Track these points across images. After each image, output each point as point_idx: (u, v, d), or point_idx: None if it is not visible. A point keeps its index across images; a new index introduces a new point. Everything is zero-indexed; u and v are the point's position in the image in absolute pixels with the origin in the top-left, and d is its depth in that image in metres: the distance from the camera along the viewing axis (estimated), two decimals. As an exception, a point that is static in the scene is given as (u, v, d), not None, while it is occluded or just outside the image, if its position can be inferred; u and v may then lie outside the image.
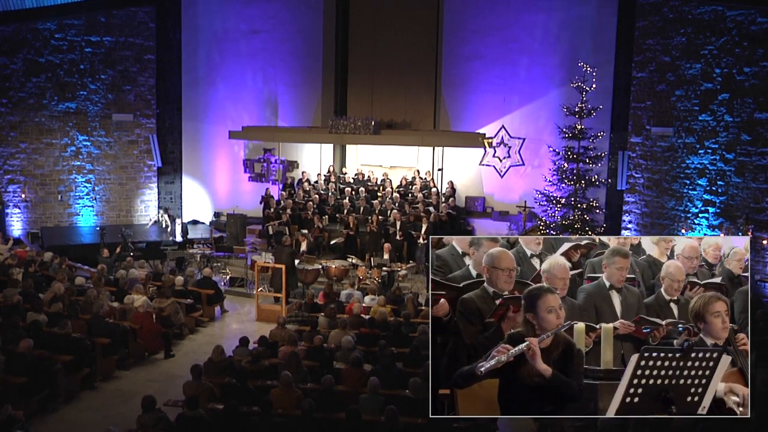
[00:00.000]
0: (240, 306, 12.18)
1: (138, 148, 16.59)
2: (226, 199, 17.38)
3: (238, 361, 7.64)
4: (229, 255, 13.91)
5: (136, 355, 9.23)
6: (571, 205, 13.68)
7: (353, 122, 14.99)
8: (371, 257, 12.95)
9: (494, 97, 15.73)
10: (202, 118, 17.30)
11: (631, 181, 13.98)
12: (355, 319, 9.26)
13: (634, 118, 13.88)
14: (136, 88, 16.32)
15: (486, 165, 15.97)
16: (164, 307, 10.04)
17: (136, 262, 12.49)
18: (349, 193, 15.50)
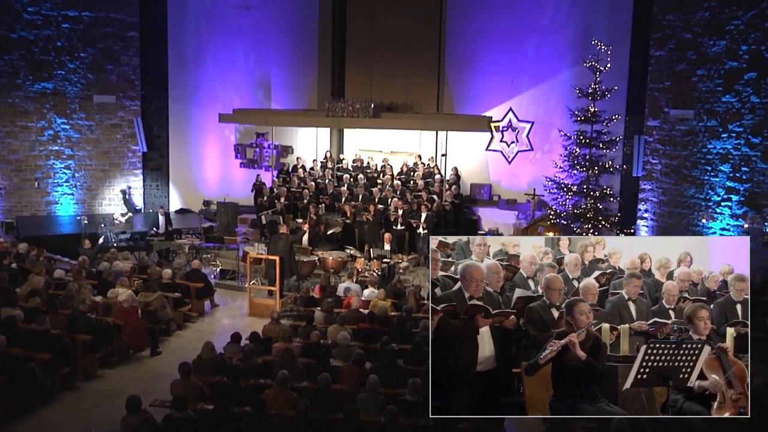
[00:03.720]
0: (231, 300, 12.20)
1: (121, 132, 16.47)
2: (216, 187, 17.35)
3: (229, 359, 7.61)
4: (219, 246, 13.89)
5: (120, 352, 9.19)
6: (583, 193, 13.61)
7: (351, 105, 14.96)
8: (370, 248, 12.99)
9: (501, 77, 15.63)
10: (190, 100, 17.22)
11: (647, 167, 13.87)
12: (354, 314, 9.27)
13: (652, 100, 13.74)
14: (119, 67, 16.14)
15: (492, 150, 15.92)
16: (150, 302, 10.02)
17: (120, 253, 12.52)
18: (347, 180, 15.52)
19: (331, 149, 17.17)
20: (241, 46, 16.94)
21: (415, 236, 13.66)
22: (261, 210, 14.60)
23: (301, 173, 15.98)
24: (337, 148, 17.60)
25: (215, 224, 15.23)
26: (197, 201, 17.35)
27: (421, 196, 14.40)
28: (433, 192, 14.71)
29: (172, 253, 13.80)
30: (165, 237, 13.98)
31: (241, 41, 16.89)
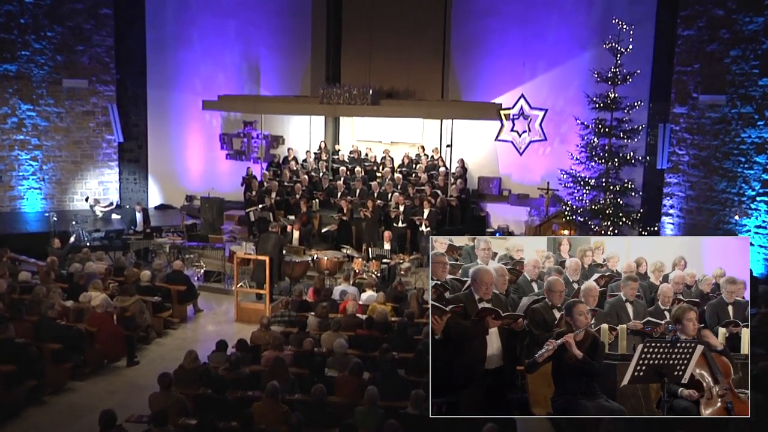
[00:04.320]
0: (216, 304, 12.23)
1: (94, 120, 16.49)
2: (200, 181, 17.41)
3: (214, 369, 7.64)
4: (203, 245, 13.93)
5: (94, 362, 9.17)
6: (602, 187, 13.64)
7: (348, 91, 15.00)
8: (369, 247, 13.03)
9: (512, 61, 15.66)
10: (170, 85, 17.24)
11: (673, 158, 13.88)
12: (351, 320, 9.31)
13: (679, 85, 13.73)
14: (91, 48, 16.10)
15: (502, 141, 15.96)
16: (127, 307, 10.02)
17: (94, 253, 12.45)
18: (344, 173, 15.57)
19: (325, 139, 17.20)
20: (227, 26, 16.94)
21: (417, 235, 13.69)
22: (249, 206, 14.63)
23: (293, 166, 16.03)
24: (332, 138, 17.63)
25: (199, 221, 15.25)
26: (179, 196, 17.38)
27: (424, 190, 14.48)
28: (437, 186, 14.76)
29: (152, 253, 13.81)
30: (143, 235, 13.99)
31: (227, 20, 16.90)
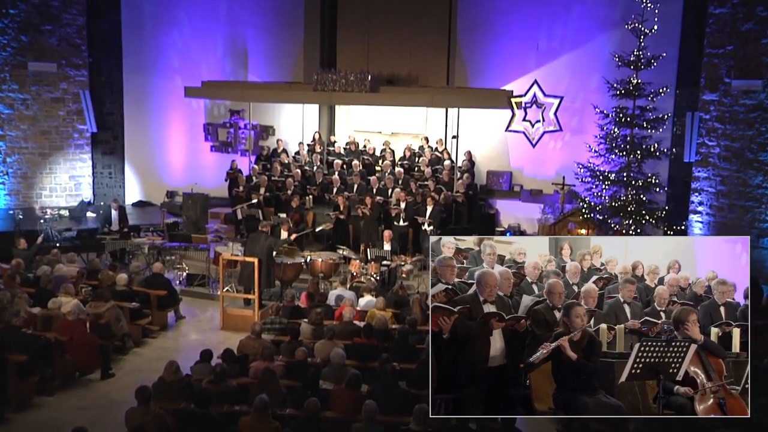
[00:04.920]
0: (200, 311, 12.25)
1: (65, 108, 16.46)
2: (181, 175, 17.43)
3: (197, 381, 7.64)
4: (186, 246, 13.91)
5: (63, 375, 9.15)
6: (623, 182, 13.61)
7: (344, 77, 14.96)
8: (367, 248, 13.07)
9: (525, 44, 15.65)
10: (149, 69, 17.24)
11: (702, 150, 13.85)
12: (347, 327, 9.37)
13: (709, 69, 13.68)
14: (60, 28, 16.05)
15: (514, 131, 15.97)
16: (101, 313, 10.00)
17: (64, 255, 12.38)
18: (340, 167, 15.58)
19: (320, 130, 17.21)
20: (211, 5, 16.93)
21: (420, 234, 13.71)
22: (236, 202, 14.61)
23: (284, 159, 16.04)
24: (327, 128, 17.64)
25: (181, 220, 15.24)
26: (159, 192, 17.38)
27: (428, 186, 14.50)
28: (442, 181, 14.75)
29: (129, 254, 13.80)
30: (120, 235, 13.97)
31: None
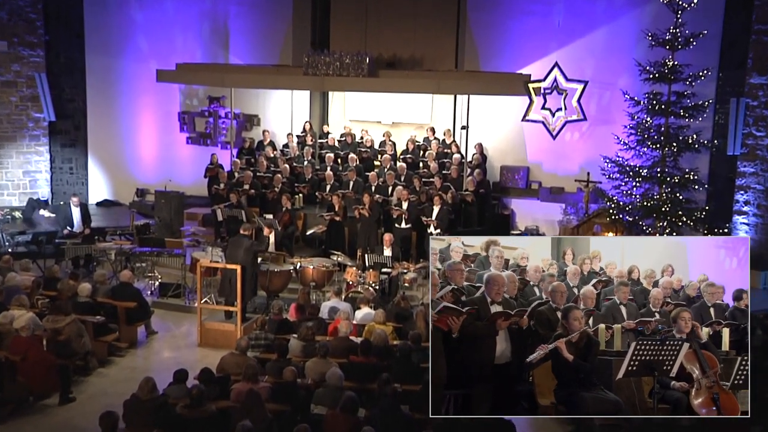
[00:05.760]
0: (174, 325, 12.27)
1: (17, 94, 16.53)
2: (154, 171, 17.49)
3: (172, 405, 7.62)
4: (158, 251, 13.95)
5: (16, 399, 9.12)
6: (656, 179, 13.64)
7: (339, 59, 15.02)
8: (365, 254, 13.09)
9: (544, 22, 15.73)
10: (115, 50, 17.31)
11: (749, 142, 13.91)
12: (342, 343, 9.40)
13: (757, 48, 13.73)
14: (11, 1, 16.04)
15: (531, 121, 16.04)
16: (61, 328, 9.93)
17: (18, 262, 12.30)
18: (333, 161, 15.62)
19: (311, 120, 17.25)
20: (187, -22, 17.02)
21: (424, 238, 13.62)
22: (216, 202, 14.62)
23: (270, 152, 16.07)
24: (319, 118, 17.70)
25: (153, 221, 15.27)
26: (128, 190, 17.46)
27: (434, 183, 14.51)
28: (450, 178, 14.77)
29: (93, 261, 13.76)
30: (82, 239, 14.01)
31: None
